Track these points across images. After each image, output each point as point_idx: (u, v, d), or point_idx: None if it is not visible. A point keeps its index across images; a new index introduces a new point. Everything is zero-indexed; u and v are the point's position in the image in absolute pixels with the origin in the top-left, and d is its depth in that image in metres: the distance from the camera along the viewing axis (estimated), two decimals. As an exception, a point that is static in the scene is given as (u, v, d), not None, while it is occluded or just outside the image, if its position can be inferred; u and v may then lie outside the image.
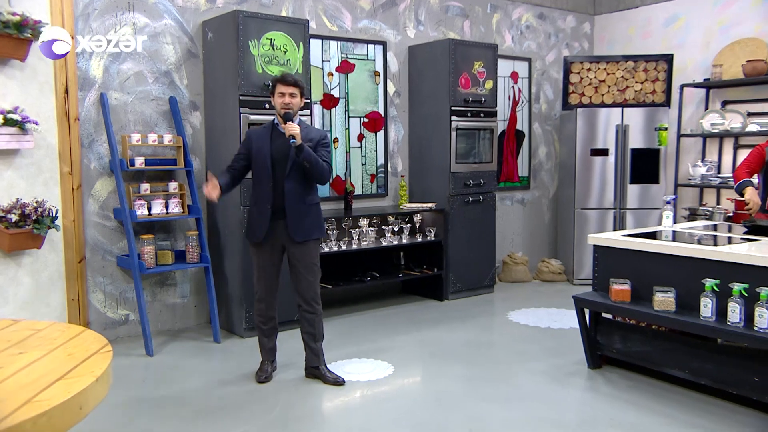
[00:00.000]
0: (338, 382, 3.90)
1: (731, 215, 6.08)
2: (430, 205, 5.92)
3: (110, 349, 2.12)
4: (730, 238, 4.13)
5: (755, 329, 3.33)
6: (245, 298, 4.78)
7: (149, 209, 4.67)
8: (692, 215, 6.40)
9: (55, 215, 4.20)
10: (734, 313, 3.42)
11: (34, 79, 4.26)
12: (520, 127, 7.14)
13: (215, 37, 4.91)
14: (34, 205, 4.11)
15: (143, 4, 4.77)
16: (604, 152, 6.65)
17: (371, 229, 5.60)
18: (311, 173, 3.75)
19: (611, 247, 4.08)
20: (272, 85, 3.84)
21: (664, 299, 3.71)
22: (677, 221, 6.65)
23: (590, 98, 6.92)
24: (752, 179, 4.44)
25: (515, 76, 7.06)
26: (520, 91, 7.11)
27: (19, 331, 2.30)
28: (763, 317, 3.31)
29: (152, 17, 4.82)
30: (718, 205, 6.66)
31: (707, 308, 3.54)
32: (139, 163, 4.63)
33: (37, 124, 4.13)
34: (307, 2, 5.54)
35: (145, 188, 4.69)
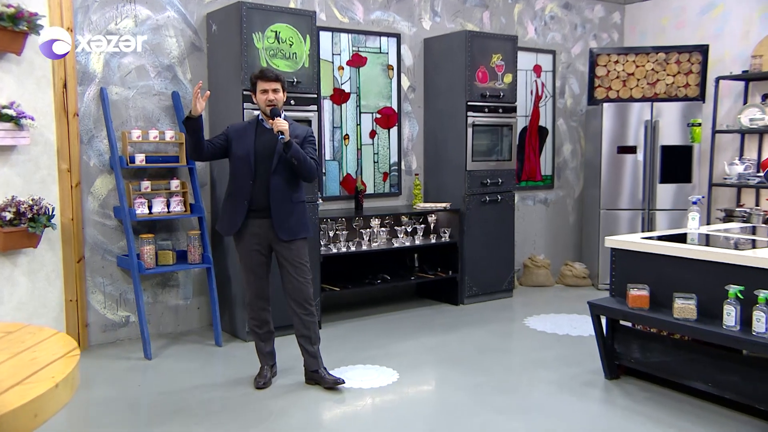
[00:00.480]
0: (338, 382, 3.87)
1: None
2: (444, 204, 5.85)
3: (77, 353, 2.09)
4: (755, 241, 3.98)
5: (781, 340, 3.20)
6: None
7: (150, 208, 4.67)
8: (728, 217, 6.21)
9: (51, 213, 4.23)
10: (759, 322, 3.29)
11: (31, 73, 4.29)
12: (543, 123, 7.02)
13: (219, 29, 4.90)
14: (29, 203, 4.14)
15: (145, -4, 4.79)
16: (631, 150, 6.50)
17: (383, 229, 5.55)
18: (299, 170, 3.73)
19: (629, 250, 3.96)
20: (252, 82, 3.83)
21: (684, 306, 3.59)
22: (712, 223, 6.49)
23: (618, 92, 6.77)
24: None
25: (538, 69, 6.94)
26: (543, 85, 6.99)
27: (-11, 333, 2.30)
28: (790, 327, 3.17)
29: (154, 9, 4.83)
30: (757, 206, 6.45)
31: (731, 317, 3.41)
32: (139, 160, 4.65)
33: (33, 119, 4.16)
34: (316, -7, 5.52)
35: (145, 186, 4.69)
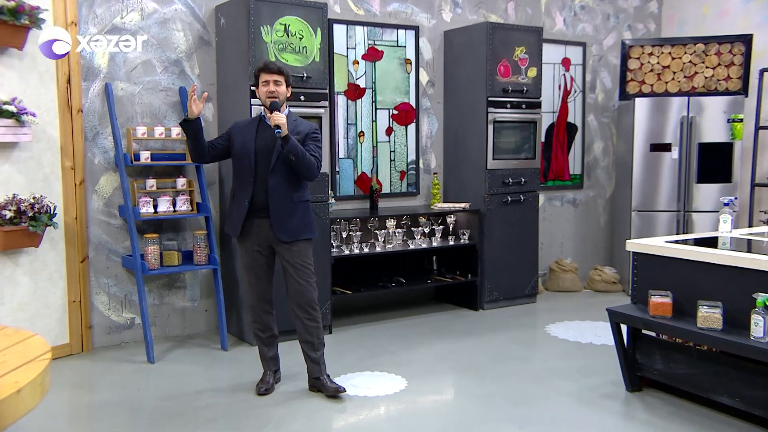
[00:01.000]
0: (339, 391, 3.84)
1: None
2: (463, 205, 5.78)
3: (48, 357, 2.10)
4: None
5: (812, 353, 3.07)
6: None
7: (155, 207, 4.70)
8: (772, 219, 6.04)
9: (53, 212, 4.28)
10: (789, 333, 3.17)
11: (33, 68, 4.35)
12: (572, 119, 6.90)
13: (227, 23, 4.92)
14: (31, 201, 4.19)
15: (152, -12, 4.83)
16: (665, 147, 6.34)
17: (399, 230, 5.51)
18: (297, 167, 3.69)
19: (652, 254, 3.86)
20: (255, 75, 3.83)
21: (709, 315, 3.47)
22: (755, 226, 6.29)
23: (652, 87, 6.62)
24: None
25: (567, 62, 6.82)
26: (572, 79, 6.87)
27: (-35, 335, 2.32)
28: (821, 339, 3.05)
29: (161, 2, 4.87)
30: (803, 208, 6.26)
31: (758, 327, 3.29)
32: (144, 157, 4.68)
33: (35, 116, 4.21)
34: (330, -16, 5.51)
35: (150, 184, 4.73)
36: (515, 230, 5.88)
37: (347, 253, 5.24)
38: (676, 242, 3.94)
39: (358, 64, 5.68)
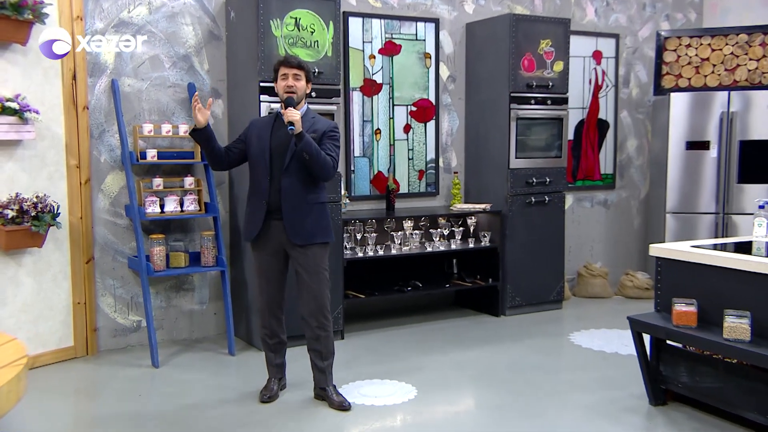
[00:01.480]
0: (343, 406, 3.81)
1: None
2: (483, 206, 5.72)
3: (23, 363, 2.13)
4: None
5: None
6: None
7: (162, 206, 4.74)
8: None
9: (56, 212, 4.34)
10: (821, 346, 3.06)
11: (38, 64, 4.42)
12: (603, 115, 6.78)
13: (238, 17, 4.94)
14: (33, 200, 4.26)
15: (160, -18, 4.87)
16: (703, 145, 6.19)
17: (416, 232, 5.47)
18: (310, 166, 3.66)
19: (676, 260, 3.76)
20: (274, 69, 3.82)
21: (736, 325, 3.37)
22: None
23: (689, 80, 6.47)
24: None
25: (598, 55, 6.71)
26: (603, 73, 6.76)
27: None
28: None
29: (170, -4, 4.92)
30: None
31: (788, 339, 3.18)
32: (150, 156, 4.72)
33: (38, 113, 4.27)
34: (346, -24, 5.49)
35: (157, 183, 4.77)
36: (539, 232, 5.80)
37: (360, 255, 5.22)
38: (703, 247, 3.84)
39: (374, 58, 5.66)
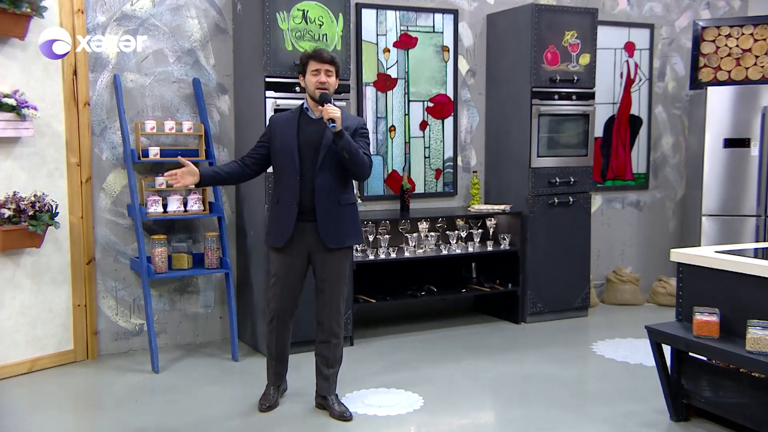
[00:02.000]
0: (344, 416, 3.80)
1: None
2: (502, 207, 5.66)
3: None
4: None
5: None
6: (270, 311, 4.78)
7: (165, 206, 4.78)
8: None
9: (54, 211, 4.40)
10: None
11: (37, 59, 4.48)
12: (635, 111, 6.67)
13: (244, 9, 4.96)
14: (31, 199, 4.32)
15: (164, -27, 4.92)
16: (743, 143, 6.05)
17: (432, 234, 5.44)
18: (350, 166, 3.67)
19: (698, 266, 3.68)
20: (302, 62, 3.76)
21: (760, 337, 3.28)
22: None
23: (729, 73, 6.33)
24: None
25: (630, 47, 6.60)
26: (636, 66, 6.65)
27: None
28: None
29: (174, -12, 4.96)
30: None
31: (816, 352, 3.09)
32: (153, 153, 4.76)
33: (36, 109, 4.34)
34: (359, -35, 5.49)
35: (160, 182, 4.81)
36: (563, 235, 5.73)
37: (372, 258, 5.20)
38: (729, 252, 3.74)
39: (389, 52, 5.64)
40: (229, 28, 5.14)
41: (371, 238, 5.29)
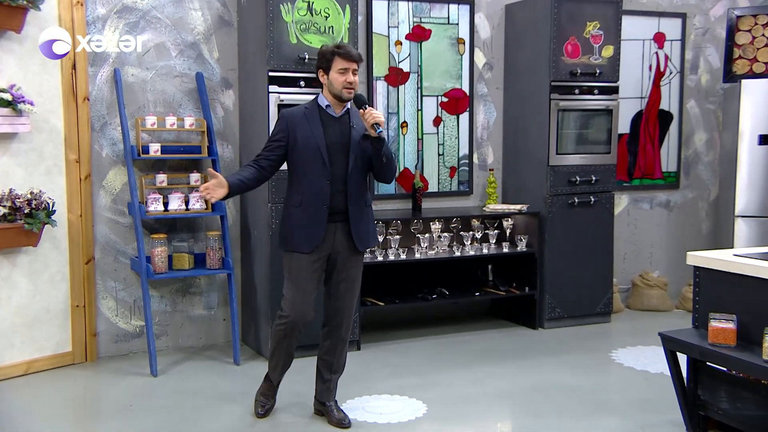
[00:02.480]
0: (343, 424, 3.80)
1: None
2: (518, 207, 5.62)
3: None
4: None
5: None
6: (275, 313, 4.79)
7: (166, 204, 4.83)
8: None
9: (51, 209, 4.46)
10: None
11: (35, 53, 4.54)
12: (665, 106, 6.58)
13: (248, 0, 4.99)
14: (27, 196, 4.39)
15: (167, -36, 4.97)
16: (780, 140, 5.95)
17: (445, 235, 5.42)
18: (384, 169, 3.71)
19: (716, 270, 3.61)
20: (326, 57, 3.66)
21: (777, 346, 3.21)
22: None
23: (766, 65, 6.21)
24: None
25: (660, 38, 6.51)
26: (667, 58, 6.55)
27: None
28: None
29: (177, -21, 5.01)
30: None
31: (836, 362, 3.01)
32: (153, 150, 4.81)
33: (32, 104, 4.40)
34: (369, -46, 5.49)
35: (161, 180, 4.86)
36: (584, 237, 5.67)
37: (380, 259, 5.20)
38: (750, 256, 3.67)
39: (401, 45, 5.63)
40: (233, 20, 5.17)
41: (381, 238, 5.29)
